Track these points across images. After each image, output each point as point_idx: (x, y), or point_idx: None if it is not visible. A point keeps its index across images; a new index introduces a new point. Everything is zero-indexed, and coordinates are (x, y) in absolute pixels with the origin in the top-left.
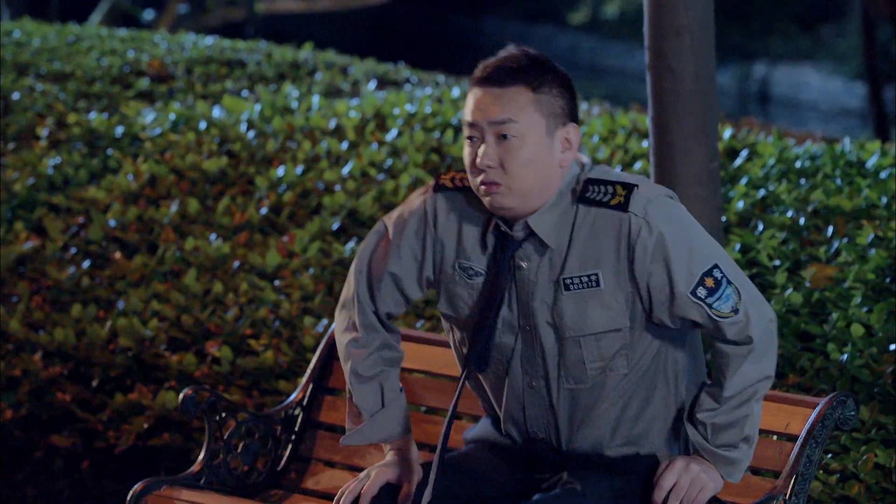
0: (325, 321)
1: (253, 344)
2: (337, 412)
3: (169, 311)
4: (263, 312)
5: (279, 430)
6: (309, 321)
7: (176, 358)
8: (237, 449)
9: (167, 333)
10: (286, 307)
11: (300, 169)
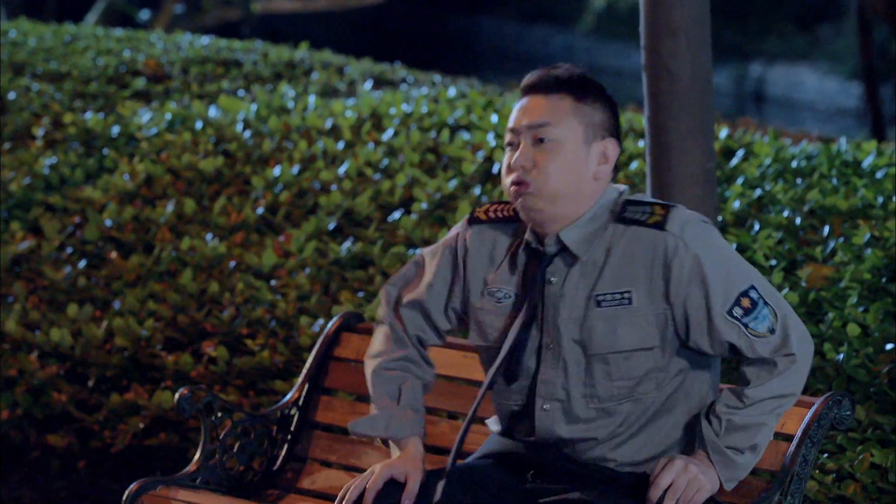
0: (321, 321)
1: (249, 344)
2: (333, 412)
3: (165, 310)
4: (260, 312)
5: (275, 429)
6: (305, 321)
7: (172, 358)
8: (233, 449)
9: (163, 333)
10: (282, 307)
11: (296, 169)
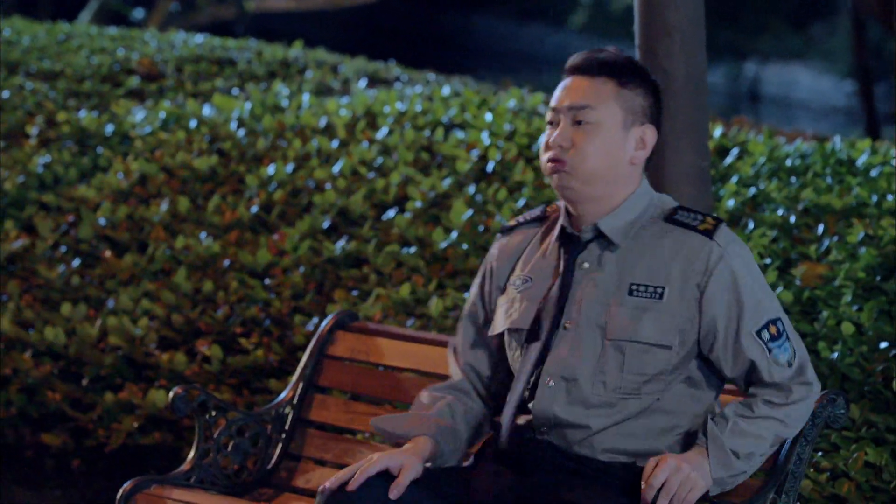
0: (315, 319)
1: (243, 342)
2: (327, 411)
3: (159, 309)
4: (254, 311)
5: (269, 428)
6: (299, 319)
7: (166, 357)
8: (227, 448)
9: (157, 332)
10: (277, 306)
11: (290, 167)
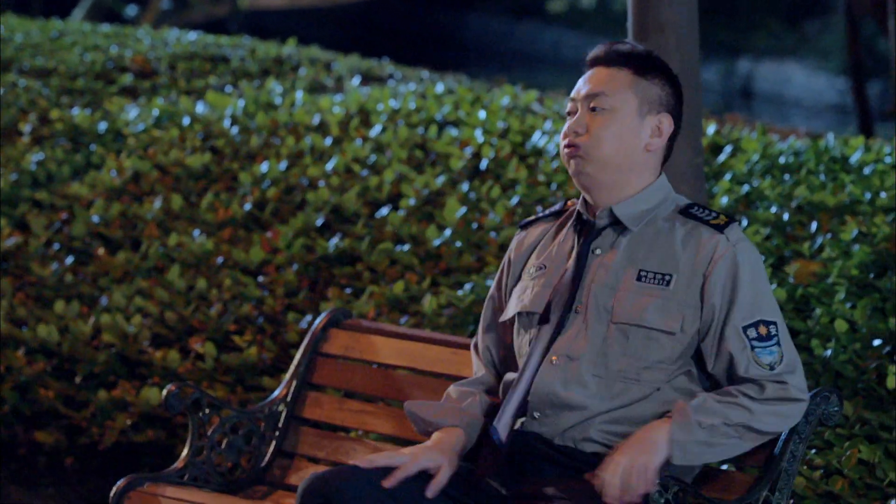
0: (308, 317)
1: (237, 340)
2: (321, 408)
3: (153, 307)
4: (247, 308)
5: (263, 426)
6: (293, 317)
7: (160, 354)
8: (221, 445)
9: (151, 330)
10: (270, 303)
11: (284, 165)
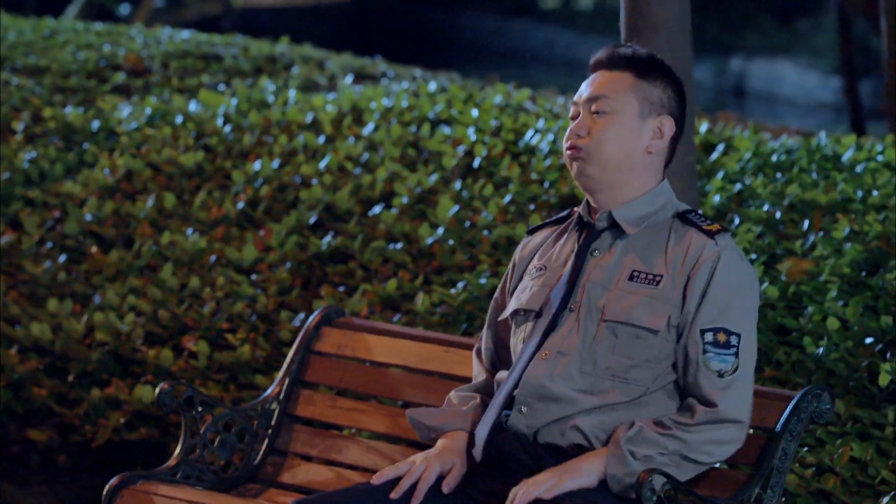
0: (301, 315)
1: (230, 338)
2: (313, 406)
3: (146, 305)
4: (240, 307)
5: (256, 424)
6: (286, 315)
7: (153, 352)
8: (214, 443)
9: (144, 328)
10: (263, 301)
11: (277, 163)
